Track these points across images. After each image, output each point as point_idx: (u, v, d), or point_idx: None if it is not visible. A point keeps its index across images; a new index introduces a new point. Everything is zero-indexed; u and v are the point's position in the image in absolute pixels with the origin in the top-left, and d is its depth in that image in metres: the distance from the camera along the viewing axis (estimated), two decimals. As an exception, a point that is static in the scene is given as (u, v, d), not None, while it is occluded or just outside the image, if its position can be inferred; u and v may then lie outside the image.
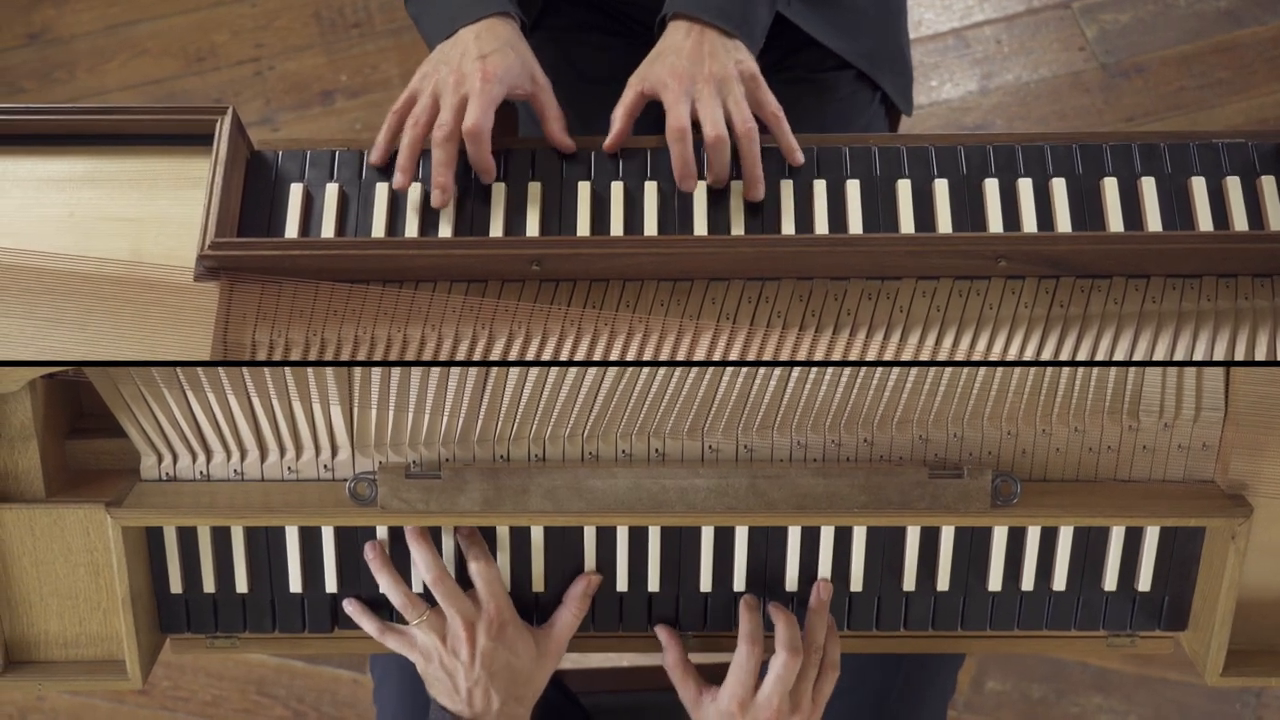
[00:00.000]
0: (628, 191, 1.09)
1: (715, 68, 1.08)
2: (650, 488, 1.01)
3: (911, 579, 1.07)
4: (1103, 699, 1.85)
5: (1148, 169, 1.09)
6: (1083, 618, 1.08)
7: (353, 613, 1.07)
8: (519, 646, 1.05)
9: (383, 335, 1.04)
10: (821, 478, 1.00)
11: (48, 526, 1.03)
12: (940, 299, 1.05)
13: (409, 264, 1.04)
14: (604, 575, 1.07)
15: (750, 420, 1.03)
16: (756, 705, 1.03)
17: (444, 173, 1.06)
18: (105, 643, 1.08)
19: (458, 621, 1.03)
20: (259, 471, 1.05)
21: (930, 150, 1.10)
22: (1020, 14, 2.23)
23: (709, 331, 1.04)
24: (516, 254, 1.03)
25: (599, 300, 1.05)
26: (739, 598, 1.07)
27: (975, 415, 1.03)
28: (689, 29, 1.10)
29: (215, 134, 1.06)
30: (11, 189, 1.08)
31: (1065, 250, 1.03)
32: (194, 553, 1.06)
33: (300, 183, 1.09)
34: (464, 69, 1.07)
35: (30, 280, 1.03)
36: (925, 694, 1.27)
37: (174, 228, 1.07)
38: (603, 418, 1.03)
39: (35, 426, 1.01)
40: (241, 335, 1.04)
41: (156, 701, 1.87)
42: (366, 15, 2.25)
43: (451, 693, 1.04)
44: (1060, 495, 1.03)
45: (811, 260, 1.04)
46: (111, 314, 1.03)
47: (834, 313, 1.05)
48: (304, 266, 1.04)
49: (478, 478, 1.00)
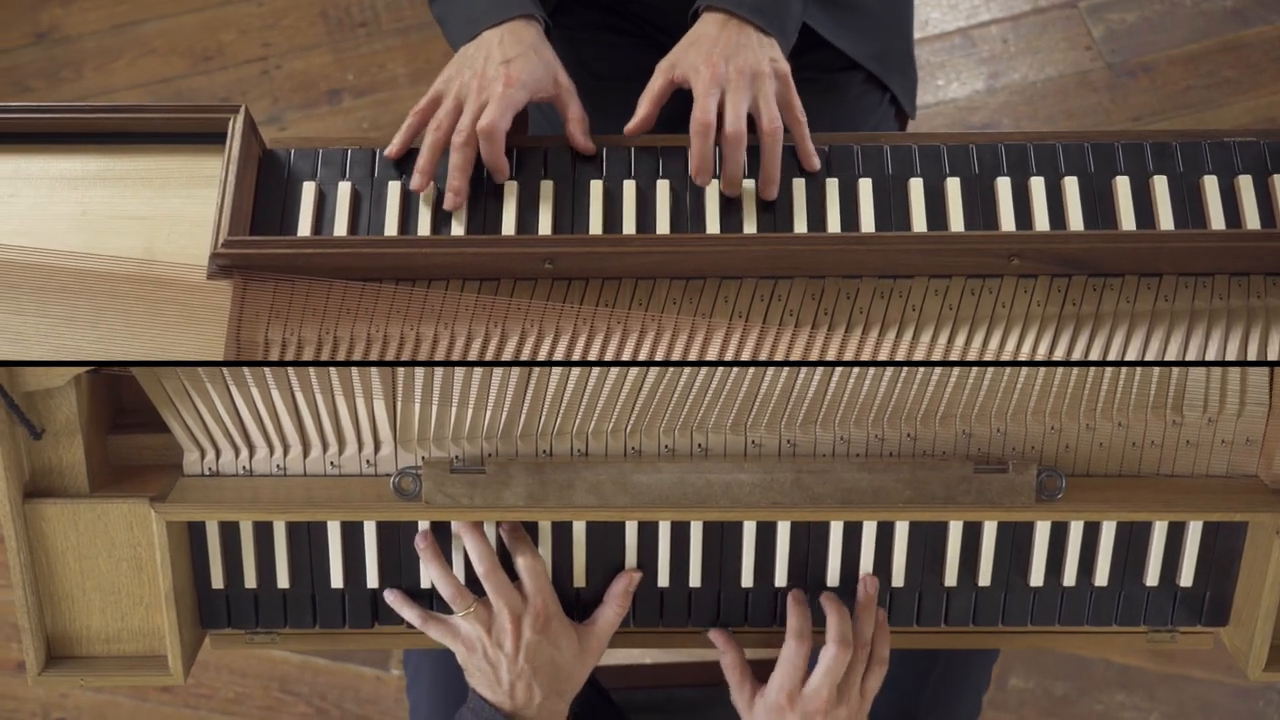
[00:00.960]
0: (640, 190, 1.09)
1: (750, 61, 1.07)
2: (695, 482, 1.01)
3: (953, 574, 1.07)
4: (1126, 696, 1.85)
5: (1160, 168, 1.09)
6: (1124, 613, 1.08)
7: (394, 602, 1.07)
8: (562, 641, 1.05)
9: (395, 333, 1.04)
10: (866, 472, 1.01)
11: (91, 521, 1.04)
12: (953, 297, 1.05)
13: (422, 262, 1.04)
14: (645, 571, 1.07)
15: (793, 415, 1.04)
16: (805, 698, 1.04)
17: (460, 177, 1.06)
18: (147, 638, 1.08)
19: (505, 614, 1.03)
20: (301, 466, 1.06)
21: (942, 149, 1.10)
22: (1027, 13, 2.23)
23: (721, 330, 1.05)
24: (529, 252, 1.03)
25: (611, 299, 1.05)
26: (780, 593, 1.07)
27: (1019, 410, 1.04)
28: (725, 21, 1.09)
29: (228, 132, 1.06)
30: (24, 187, 1.08)
31: (1078, 249, 1.03)
32: (236, 548, 1.06)
33: (313, 181, 1.09)
34: (488, 74, 1.07)
35: (44, 278, 1.04)
36: (961, 688, 1.27)
37: (186, 226, 1.07)
38: (645, 413, 1.03)
39: (80, 421, 1.01)
40: (254, 333, 1.04)
41: (179, 699, 1.87)
42: (373, 14, 2.25)
43: (494, 684, 1.05)
44: (1104, 490, 1.04)
45: (824, 259, 1.04)
46: (125, 312, 1.03)
47: (846, 311, 1.05)
48: (317, 265, 1.04)
49: (522, 472, 1.01)
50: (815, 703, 1.03)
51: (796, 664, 1.04)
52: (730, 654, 1.08)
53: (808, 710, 1.04)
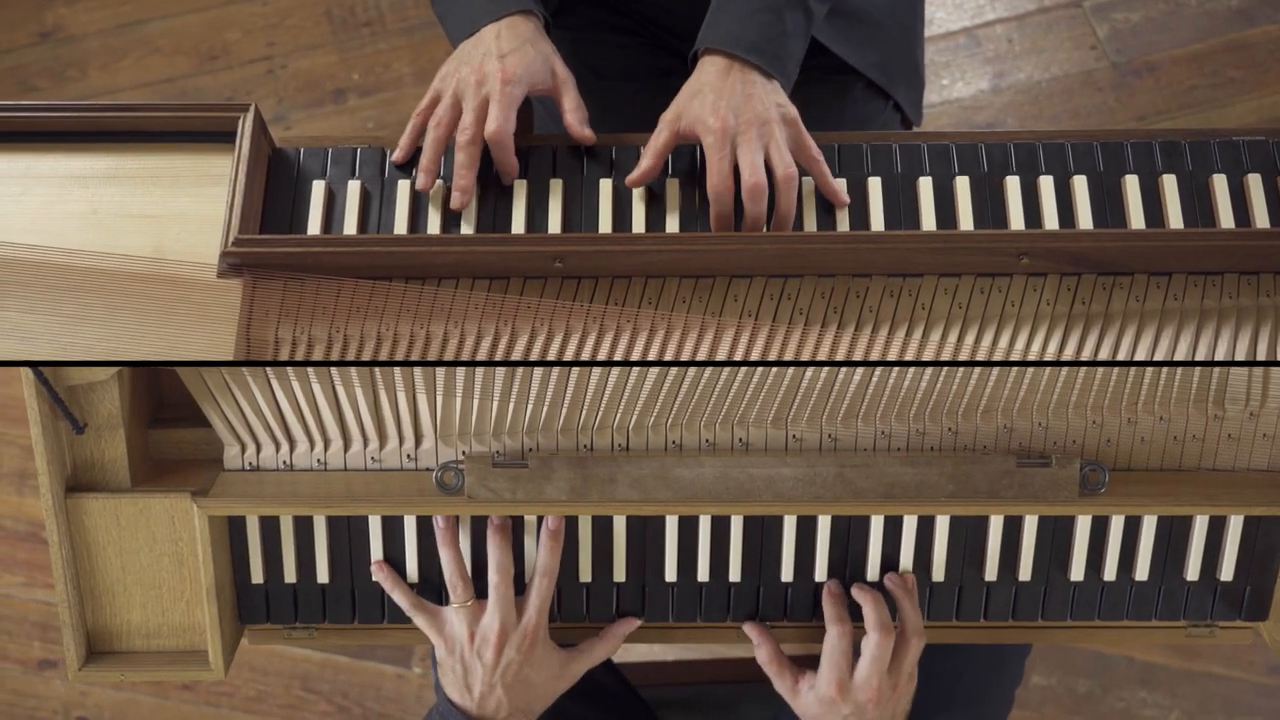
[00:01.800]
0: (649, 189, 1.09)
1: (757, 110, 1.05)
2: (737, 476, 1.01)
3: (993, 569, 1.07)
4: (1148, 693, 1.85)
5: (1169, 166, 1.09)
6: (1164, 608, 1.08)
7: (382, 579, 1.06)
8: (543, 665, 1.05)
9: (405, 332, 1.04)
10: (909, 466, 1.01)
11: (133, 516, 1.04)
12: (962, 296, 1.05)
13: (431, 261, 1.04)
14: (685, 565, 1.07)
15: (835, 409, 1.04)
16: (855, 687, 1.04)
17: (466, 175, 1.06)
18: (187, 633, 1.08)
19: (495, 626, 1.03)
20: (342, 461, 1.06)
21: (951, 148, 1.10)
22: (1031, 13, 2.23)
23: (731, 329, 1.05)
24: (539, 251, 1.04)
25: (621, 297, 1.05)
26: (819, 588, 1.07)
27: (1060, 404, 1.04)
28: (727, 67, 1.07)
29: (237, 131, 1.07)
30: (34, 186, 1.08)
31: (1088, 247, 1.03)
32: (276, 542, 1.06)
33: (322, 180, 1.09)
34: (485, 69, 1.07)
35: (55, 277, 1.04)
36: (995, 680, 1.27)
37: (196, 225, 1.07)
38: (685, 407, 1.03)
39: (122, 416, 1.01)
40: (264, 332, 1.04)
41: (200, 697, 1.87)
42: (378, 14, 2.25)
43: (464, 690, 1.05)
44: (1146, 484, 1.04)
45: (833, 258, 1.04)
46: (136, 311, 1.03)
47: (856, 310, 1.05)
48: (327, 263, 1.04)
49: (565, 467, 1.01)
50: (866, 692, 1.04)
51: (843, 650, 1.04)
52: (766, 646, 1.08)
53: (859, 701, 1.04)
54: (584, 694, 1.09)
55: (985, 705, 1.26)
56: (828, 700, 1.04)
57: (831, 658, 1.05)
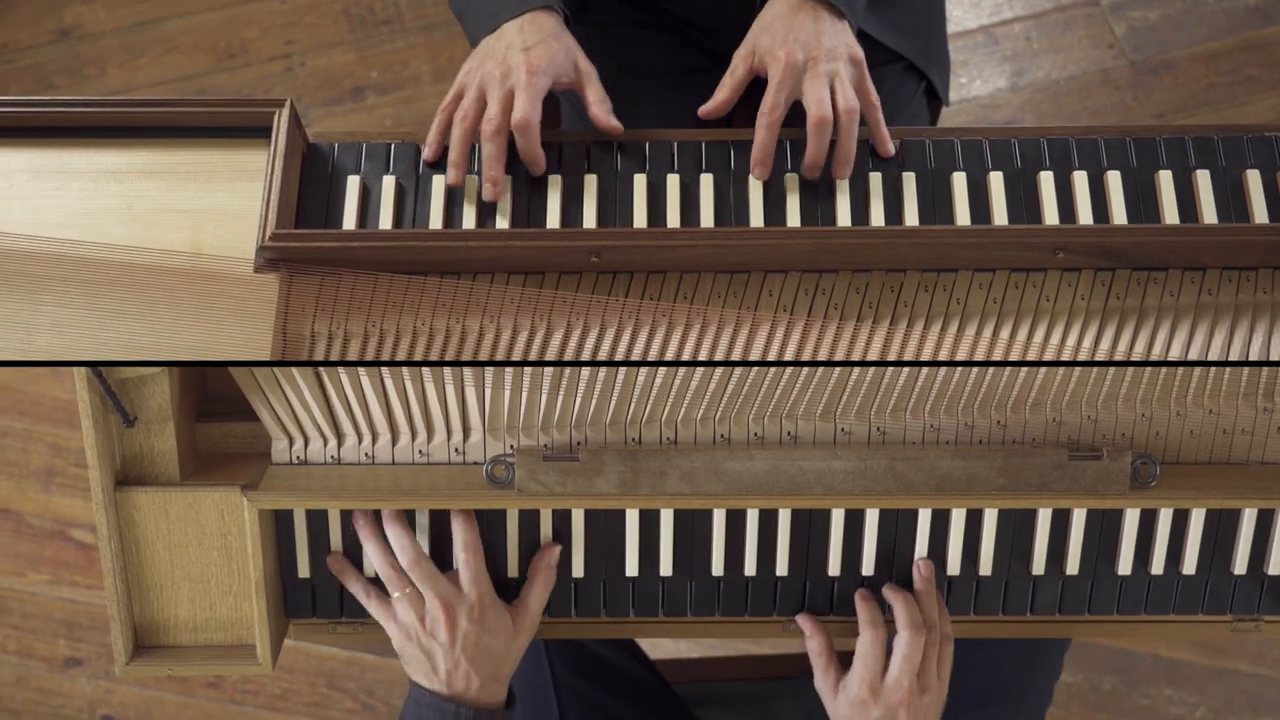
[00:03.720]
0: (684, 184, 1.09)
1: (825, 46, 1.07)
2: (788, 469, 1.01)
3: (1041, 563, 1.07)
4: (1174, 691, 1.85)
5: (1202, 162, 1.09)
6: (1210, 602, 1.08)
7: (337, 569, 1.06)
8: (498, 628, 1.05)
9: (441, 326, 1.05)
10: (960, 460, 1.01)
11: (183, 510, 1.04)
12: (996, 291, 1.05)
13: (468, 255, 1.04)
14: (731, 560, 1.07)
15: (884, 403, 1.04)
16: (887, 689, 1.04)
17: (495, 166, 1.06)
18: (234, 627, 1.08)
19: (436, 604, 1.03)
20: (389, 455, 1.06)
21: (984, 143, 1.10)
22: (1049, 11, 2.23)
23: (766, 323, 1.05)
24: (576, 245, 1.04)
25: (656, 292, 1.05)
26: (866, 582, 1.07)
27: (1110, 398, 1.04)
28: (799, 3, 1.09)
29: (273, 126, 1.07)
30: (70, 181, 1.08)
31: (1123, 242, 1.03)
32: (323, 536, 1.06)
33: (357, 175, 1.09)
34: (509, 62, 1.08)
35: (93, 272, 1.04)
36: (1035, 674, 1.27)
37: (232, 220, 1.07)
38: (735, 400, 1.03)
39: (172, 410, 1.01)
40: (301, 326, 1.04)
41: (225, 695, 1.87)
42: (396, 12, 2.25)
43: (430, 673, 1.05)
44: (1195, 477, 1.04)
45: (868, 252, 1.04)
46: (175, 305, 1.03)
47: (891, 304, 1.05)
48: (363, 258, 1.04)
49: (615, 460, 1.01)
50: (898, 694, 1.03)
51: (875, 653, 1.04)
52: (818, 639, 1.08)
53: (891, 702, 1.04)
54: (623, 691, 1.09)
55: (1024, 700, 1.27)
56: (859, 702, 1.04)
57: (864, 659, 1.05)
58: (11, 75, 2.21)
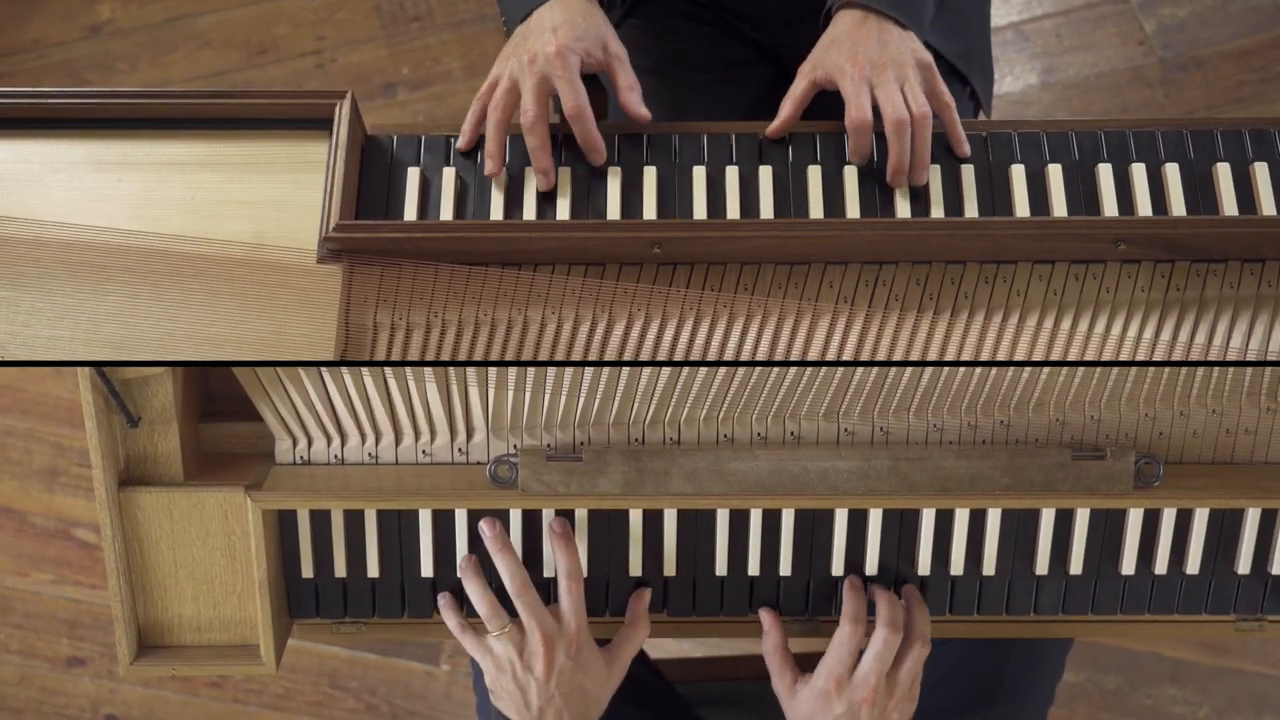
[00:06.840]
0: (743, 176, 1.09)
1: (892, 54, 1.08)
2: (791, 469, 1.01)
3: (1044, 563, 1.07)
4: (1177, 690, 1.85)
5: (1259, 154, 1.09)
6: (1214, 602, 1.09)
7: (443, 606, 1.06)
8: (592, 667, 1.04)
9: (503, 317, 1.05)
10: (964, 459, 1.01)
11: (186, 510, 1.04)
12: (1056, 282, 1.06)
13: (529, 246, 1.04)
14: (735, 560, 1.07)
15: (887, 403, 1.04)
16: (853, 684, 1.02)
17: (542, 157, 1.07)
18: (238, 627, 1.08)
19: (537, 636, 1.02)
20: (393, 455, 1.06)
21: (1041, 136, 1.11)
22: (1079, 8, 2.24)
23: (827, 315, 1.05)
24: (637, 236, 1.04)
25: (717, 283, 1.06)
26: (870, 583, 1.07)
27: (1113, 397, 1.04)
28: (863, 18, 1.10)
29: (335, 118, 1.07)
30: (131, 172, 1.09)
31: (1184, 234, 1.04)
32: (326, 536, 1.06)
33: (416, 166, 1.10)
34: (536, 45, 1.08)
35: (157, 263, 1.04)
36: (1038, 675, 1.27)
37: (294, 211, 1.07)
38: (738, 400, 1.04)
39: (175, 409, 1.02)
40: (363, 317, 1.04)
41: (228, 695, 1.87)
42: (427, 8, 2.26)
43: (521, 708, 1.03)
44: (1199, 477, 1.04)
45: (929, 244, 1.05)
46: (239, 296, 1.03)
47: (951, 296, 1.06)
48: (425, 249, 1.04)
49: (619, 460, 1.01)
50: (864, 690, 1.01)
51: (849, 649, 1.02)
52: (775, 635, 1.06)
53: (854, 699, 1.02)
54: (625, 693, 1.09)
55: (1029, 700, 1.27)
56: (822, 694, 1.02)
57: (835, 652, 1.03)
58: (43, 72, 2.21)
